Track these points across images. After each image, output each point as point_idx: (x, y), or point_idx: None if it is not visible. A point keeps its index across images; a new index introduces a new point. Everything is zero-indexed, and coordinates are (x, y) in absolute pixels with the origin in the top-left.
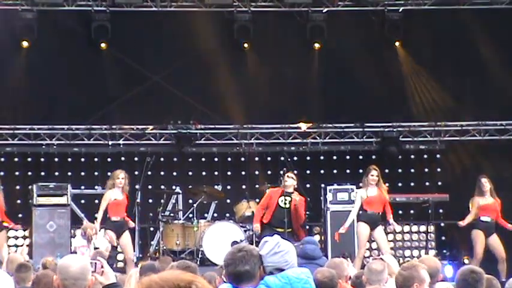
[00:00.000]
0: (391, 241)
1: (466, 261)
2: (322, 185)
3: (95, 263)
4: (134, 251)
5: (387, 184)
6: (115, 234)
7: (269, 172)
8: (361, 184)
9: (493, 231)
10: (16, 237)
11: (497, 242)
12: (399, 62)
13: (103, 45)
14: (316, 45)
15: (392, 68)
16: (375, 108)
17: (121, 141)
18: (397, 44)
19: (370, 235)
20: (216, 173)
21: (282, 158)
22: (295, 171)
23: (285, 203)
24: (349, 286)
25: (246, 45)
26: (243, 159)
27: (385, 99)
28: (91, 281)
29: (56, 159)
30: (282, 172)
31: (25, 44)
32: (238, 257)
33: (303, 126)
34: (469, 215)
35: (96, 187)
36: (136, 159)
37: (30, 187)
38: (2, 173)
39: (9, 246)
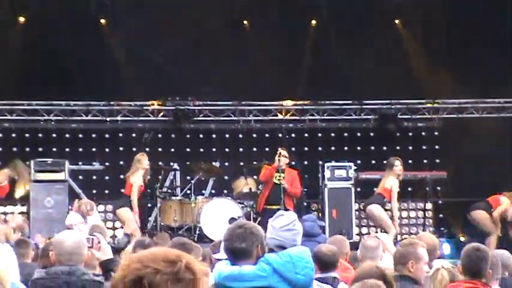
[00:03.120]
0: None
1: (462, 238)
2: (320, 162)
3: (92, 239)
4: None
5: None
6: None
7: (267, 149)
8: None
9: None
10: (12, 213)
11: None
12: (398, 39)
13: (102, 21)
14: (314, 22)
15: (391, 45)
16: (373, 86)
17: (119, 118)
18: (396, 21)
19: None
20: (214, 149)
21: (280, 135)
22: (293, 148)
23: (279, 180)
24: (348, 264)
25: (245, 22)
26: (241, 136)
27: (383, 76)
28: (87, 256)
29: (54, 135)
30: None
31: (21, 19)
32: (237, 234)
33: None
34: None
35: (93, 163)
36: (134, 135)
37: (27, 163)
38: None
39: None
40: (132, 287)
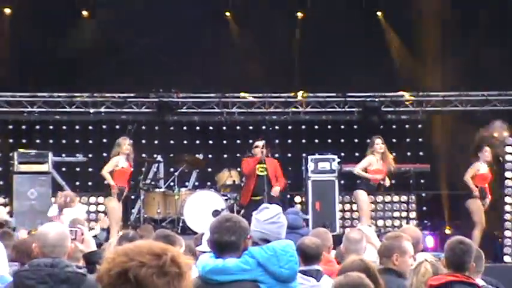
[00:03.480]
0: (372, 211)
1: (447, 231)
2: (304, 155)
3: (75, 231)
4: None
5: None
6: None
7: (250, 141)
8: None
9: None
10: None
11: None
12: (381, 31)
13: (86, 12)
14: (299, 14)
15: (375, 37)
16: (357, 78)
17: (102, 109)
18: (379, 13)
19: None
20: (197, 141)
21: (264, 127)
22: (277, 141)
23: (262, 171)
24: (331, 256)
25: (228, 14)
26: (224, 128)
27: (367, 69)
28: (71, 249)
29: (37, 127)
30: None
31: (7, 11)
32: (226, 227)
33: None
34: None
35: (77, 155)
36: (117, 127)
37: (11, 154)
38: None
39: None
40: (117, 280)
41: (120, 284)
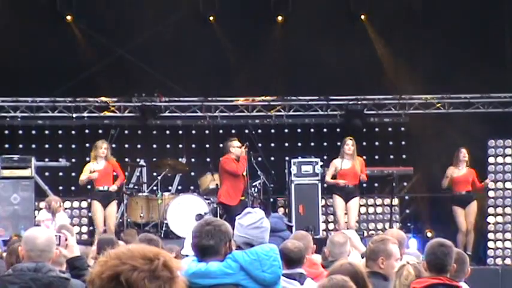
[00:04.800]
0: (362, 214)
1: (429, 234)
2: (287, 158)
3: (59, 236)
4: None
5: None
6: (101, 203)
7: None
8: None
9: (470, 202)
10: None
11: (471, 213)
12: (364, 34)
13: (68, 17)
14: (280, 18)
15: (358, 41)
16: (339, 81)
17: (85, 114)
18: (362, 17)
19: (346, 207)
20: (180, 145)
21: (247, 131)
22: (260, 144)
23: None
24: (315, 259)
25: (211, 18)
26: (207, 132)
27: (350, 72)
28: (55, 254)
29: (20, 132)
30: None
31: None
32: (205, 231)
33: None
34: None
35: (60, 160)
36: (100, 131)
37: None
38: None
39: None
40: (109, 283)
41: (111, 287)
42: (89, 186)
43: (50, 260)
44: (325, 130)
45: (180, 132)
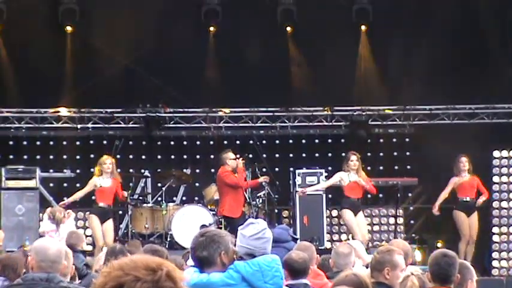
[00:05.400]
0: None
1: (439, 245)
2: (291, 169)
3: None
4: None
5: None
6: (99, 219)
7: (238, 156)
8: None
9: (474, 210)
10: None
11: (474, 222)
12: (367, 45)
13: (69, 28)
14: (288, 29)
15: (362, 51)
16: (344, 92)
17: (90, 125)
18: (363, 27)
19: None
20: (184, 156)
21: (251, 142)
22: (264, 155)
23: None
24: (318, 270)
25: (211, 28)
26: (211, 142)
27: (354, 83)
28: (64, 266)
29: (25, 143)
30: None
31: None
32: (199, 243)
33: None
34: (441, 194)
35: (64, 170)
36: (105, 142)
37: None
38: None
39: None
40: None
41: None
42: (93, 197)
43: (59, 271)
44: (329, 141)
45: (185, 143)
